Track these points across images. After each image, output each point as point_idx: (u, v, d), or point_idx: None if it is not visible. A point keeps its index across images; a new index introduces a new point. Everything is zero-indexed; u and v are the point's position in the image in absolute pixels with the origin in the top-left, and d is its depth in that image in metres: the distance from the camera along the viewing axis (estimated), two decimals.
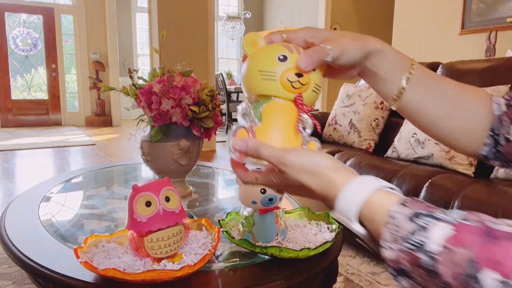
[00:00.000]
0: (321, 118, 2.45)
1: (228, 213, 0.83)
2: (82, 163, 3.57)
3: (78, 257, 0.60)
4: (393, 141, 1.94)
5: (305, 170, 0.39)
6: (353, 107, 2.22)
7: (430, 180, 1.42)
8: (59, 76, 6.41)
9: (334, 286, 0.77)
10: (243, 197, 0.71)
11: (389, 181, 1.46)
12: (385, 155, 1.95)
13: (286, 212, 0.84)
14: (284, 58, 0.41)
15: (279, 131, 0.42)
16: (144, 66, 7.35)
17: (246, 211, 0.74)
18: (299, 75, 0.40)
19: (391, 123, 2.14)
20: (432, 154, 1.69)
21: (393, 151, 1.90)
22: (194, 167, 1.13)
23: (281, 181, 0.41)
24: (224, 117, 5.51)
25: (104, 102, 6.51)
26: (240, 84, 6.58)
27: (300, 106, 0.41)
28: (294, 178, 0.39)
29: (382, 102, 2.13)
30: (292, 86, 0.40)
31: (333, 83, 5.21)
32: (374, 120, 2.13)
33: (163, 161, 1.05)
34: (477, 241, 0.28)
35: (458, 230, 0.29)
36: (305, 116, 0.43)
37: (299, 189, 0.41)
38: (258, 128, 0.42)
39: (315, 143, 0.44)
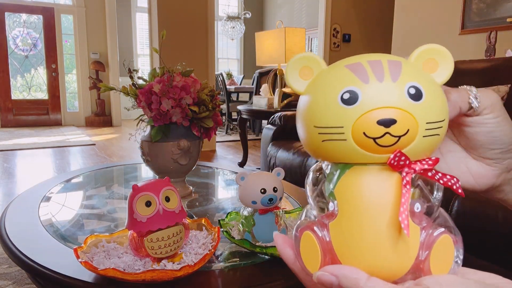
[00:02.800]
0: None
1: (228, 213, 0.83)
2: (82, 163, 3.57)
3: (78, 257, 0.60)
4: None
5: None
6: None
7: None
8: (59, 76, 6.41)
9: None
10: (243, 197, 0.71)
11: None
12: None
13: (286, 212, 0.84)
14: (353, 96, 0.23)
15: (368, 232, 0.23)
16: (144, 66, 7.35)
17: (246, 211, 0.74)
18: (389, 121, 0.22)
19: None
20: None
21: None
22: (194, 167, 1.13)
23: None
24: (224, 117, 5.51)
25: (104, 102, 6.51)
26: (241, 83, 6.55)
27: (404, 169, 0.23)
28: None
29: (502, 98, 1.85)
30: (377, 143, 0.23)
31: None
32: None
33: (163, 161, 1.05)
34: None
35: None
36: (420, 182, 0.25)
37: None
38: (333, 225, 0.25)
39: (449, 237, 0.24)
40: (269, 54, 3.09)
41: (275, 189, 0.70)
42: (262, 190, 0.69)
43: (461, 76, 1.91)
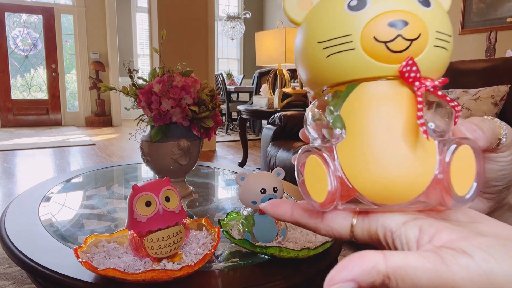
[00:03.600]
0: None
1: (228, 213, 0.83)
2: (82, 163, 3.57)
3: (78, 257, 0.60)
4: None
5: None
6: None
7: None
8: (59, 76, 6.41)
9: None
10: (243, 197, 0.71)
11: None
12: None
13: None
14: (361, 1, 0.21)
15: (381, 145, 0.21)
16: (144, 66, 7.35)
17: (246, 211, 0.74)
18: (401, 23, 0.21)
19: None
20: None
21: None
22: (194, 167, 1.13)
23: None
24: (224, 117, 5.51)
25: (104, 102, 6.52)
26: (241, 83, 6.55)
27: (415, 82, 0.21)
28: None
29: (502, 98, 1.73)
30: (388, 48, 0.21)
31: None
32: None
33: (163, 161, 1.05)
34: None
35: None
36: (431, 97, 0.23)
37: None
38: (341, 147, 0.23)
39: (468, 148, 0.22)
40: (269, 54, 3.09)
41: (275, 189, 0.70)
42: (262, 190, 0.69)
43: (461, 76, 1.91)
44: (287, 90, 2.94)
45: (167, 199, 0.63)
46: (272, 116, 2.39)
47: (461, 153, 0.22)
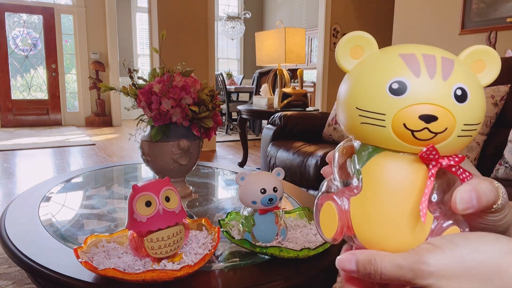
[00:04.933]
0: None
1: (228, 213, 0.83)
2: (82, 163, 3.57)
3: (78, 257, 0.60)
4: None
5: (467, 274, 0.23)
6: None
7: None
8: (59, 76, 6.41)
9: (334, 286, 0.77)
10: (243, 197, 0.71)
11: None
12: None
13: (286, 212, 0.84)
14: (402, 88, 0.23)
15: (387, 213, 0.25)
16: (144, 66, 7.35)
17: (246, 211, 0.74)
18: (430, 118, 0.23)
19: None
20: None
21: (506, 167, 1.49)
22: (194, 167, 1.13)
23: None
24: (224, 117, 5.51)
25: (104, 102, 6.51)
26: (241, 83, 6.56)
27: (431, 162, 0.24)
28: None
29: (502, 98, 1.68)
30: (414, 136, 0.24)
31: (333, 78, 5.21)
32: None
33: (163, 161, 1.05)
34: None
35: None
36: (449, 176, 0.26)
37: None
38: (354, 200, 0.27)
39: (457, 229, 0.26)
40: (269, 54, 3.09)
41: (275, 189, 0.70)
42: (262, 190, 0.69)
43: None
44: (287, 90, 2.94)
45: (167, 199, 0.63)
46: (272, 116, 2.39)
47: (450, 232, 0.26)
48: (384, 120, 0.24)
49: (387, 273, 0.25)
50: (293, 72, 5.14)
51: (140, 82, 1.05)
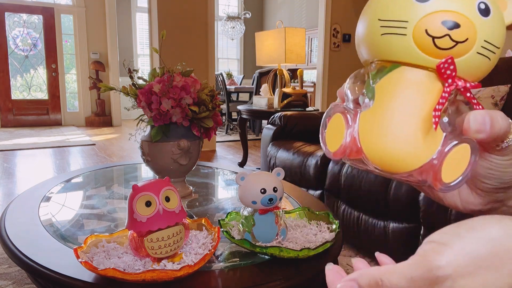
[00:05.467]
0: None
1: (228, 213, 0.83)
2: (82, 163, 3.57)
3: (78, 257, 0.60)
4: None
5: (482, 266, 0.21)
6: None
7: None
8: (59, 76, 6.41)
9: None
10: (243, 197, 0.71)
11: None
12: None
13: (286, 212, 0.84)
14: None
15: (397, 121, 0.25)
16: (144, 66, 7.35)
17: (246, 211, 0.74)
18: (453, 24, 0.23)
19: None
20: None
21: None
22: (194, 167, 1.13)
23: None
24: (224, 117, 5.51)
25: (104, 102, 6.51)
26: (241, 83, 6.56)
27: (448, 79, 0.24)
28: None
29: (502, 98, 1.71)
30: (435, 44, 0.23)
31: (333, 78, 5.21)
32: None
33: (163, 161, 1.05)
34: None
35: None
36: (459, 96, 0.25)
37: None
38: (365, 113, 0.26)
39: (467, 147, 0.25)
40: (269, 54, 3.08)
41: (275, 189, 0.70)
42: (262, 190, 0.69)
43: None
44: (287, 90, 2.94)
45: (167, 199, 0.63)
46: (272, 116, 2.39)
47: (460, 150, 0.25)
48: (405, 28, 0.24)
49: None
50: (293, 72, 5.14)
51: (140, 82, 1.05)
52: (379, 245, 1.56)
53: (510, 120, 0.26)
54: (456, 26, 0.23)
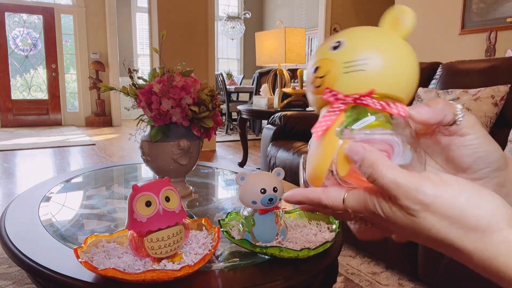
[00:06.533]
0: None
1: (228, 213, 0.83)
2: (82, 163, 3.57)
3: (78, 257, 0.60)
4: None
5: (458, 221, 0.24)
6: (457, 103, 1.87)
7: None
8: (59, 76, 6.41)
9: (334, 286, 0.77)
10: (243, 197, 0.71)
11: None
12: None
13: (286, 212, 0.84)
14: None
15: (311, 149, 0.32)
16: (144, 66, 7.35)
17: (246, 211, 0.74)
18: (315, 69, 0.30)
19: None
20: None
21: None
22: (194, 167, 1.13)
23: (409, 223, 0.26)
24: (224, 117, 5.51)
25: (104, 102, 6.52)
26: (241, 83, 6.56)
27: (330, 98, 0.30)
28: (433, 230, 0.25)
29: (502, 98, 1.71)
30: (313, 86, 0.31)
31: None
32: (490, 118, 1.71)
33: (163, 161, 1.05)
34: None
35: None
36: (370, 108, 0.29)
37: (428, 241, 0.27)
38: None
39: (347, 141, 0.30)
40: (269, 54, 3.08)
41: (275, 189, 0.70)
42: (262, 190, 0.69)
43: (461, 76, 1.91)
44: (287, 90, 2.94)
45: (167, 199, 0.63)
46: (272, 116, 2.39)
47: (342, 147, 0.29)
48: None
49: (382, 184, 0.26)
50: (293, 72, 5.13)
51: (140, 82, 1.05)
52: (379, 245, 1.56)
53: (452, 103, 0.30)
54: (317, 68, 0.30)
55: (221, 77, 5.38)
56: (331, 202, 0.30)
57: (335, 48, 0.30)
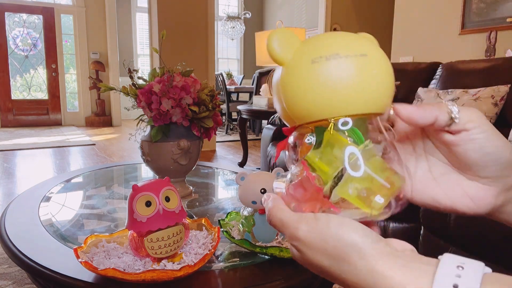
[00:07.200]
0: None
1: (228, 213, 0.83)
2: (82, 163, 3.57)
3: (78, 257, 0.60)
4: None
5: (323, 251, 0.27)
6: (457, 103, 1.85)
7: None
8: (59, 76, 6.41)
9: (334, 286, 0.77)
10: (243, 197, 0.71)
11: None
12: None
13: None
14: None
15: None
16: (144, 66, 7.35)
17: (246, 211, 0.74)
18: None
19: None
20: None
21: None
22: (194, 167, 1.13)
23: (298, 257, 0.30)
24: (224, 117, 5.51)
25: (104, 102, 6.51)
26: (241, 83, 6.55)
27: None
28: (314, 261, 0.28)
29: (502, 98, 1.73)
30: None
31: None
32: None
33: (163, 161, 1.05)
34: None
35: None
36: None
37: (323, 272, 0.29)
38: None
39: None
40: None
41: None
42: (262, 190, 0.69)
43: (461, 76, 1.91)
44: None
45: (167, 199, 0.63)
46: (272, 116, 2.39)
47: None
48: None
49: (274, 223, 0.30)
50: None
51: (140, 82, 1.04)
52: None
53: (446, 103, 0.29)
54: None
55: (221, 77, 5.38)
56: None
57: None
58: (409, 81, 2.11)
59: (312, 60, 0.27)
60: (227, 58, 8.27)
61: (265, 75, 5.03)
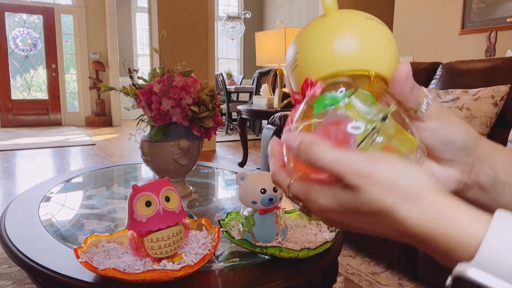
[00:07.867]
0: None
1: (228, 213, 0.83)
2: (82, 163, 3.57)
3: (78, 257, 0.60)
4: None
5: (396, 189, 0.25)
6: (456, 102, 1.78)
7: None
8: (59, 76, 6.41)
9: (334, 286, 0.77)
10: (243, 197, 0.71)
11: None
12: None
13: (286, 212, 0.84)
14: None
15: None
16: (144, 66, 7.35)
17: (246, 211, 0.74)
18: None
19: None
20: None
21: None
22: (194, 167, 1.13)
23: (340, 202, 0.27)
24: (224, 117, 5.51)
25: (104, 102, 6.51)
26: (241, 83, 6.55)
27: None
28: (373, 201, 0.25)
29: (502, 98, 1.70)
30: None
31: None
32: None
33: (163, 161, 1.05)
34: None
35: None
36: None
37: (367, 220, 0.27)
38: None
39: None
40: (269, 54, 3.08)
41: (275, 189, 0.70)
42: (262, 190, 0.69)
43: (461, 76, 1.91)
44: (287, 90, 2.93)
45: (167, 199, 0.63)
46: (272, 116, 2.39)
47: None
48: None
49: (323, 164, 0.26)
50: None
51: (140, 82, 1.05)
52: (379, 245, 1.56)
53: (423, 88, 0.31)
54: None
55: (221, 77, 5.38)
56: (278, 183, 0.30)
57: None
58: None
59: (366, 17, 0.30)
60: (227, 58, 8.27)
61: (265, 75, 5.03)
